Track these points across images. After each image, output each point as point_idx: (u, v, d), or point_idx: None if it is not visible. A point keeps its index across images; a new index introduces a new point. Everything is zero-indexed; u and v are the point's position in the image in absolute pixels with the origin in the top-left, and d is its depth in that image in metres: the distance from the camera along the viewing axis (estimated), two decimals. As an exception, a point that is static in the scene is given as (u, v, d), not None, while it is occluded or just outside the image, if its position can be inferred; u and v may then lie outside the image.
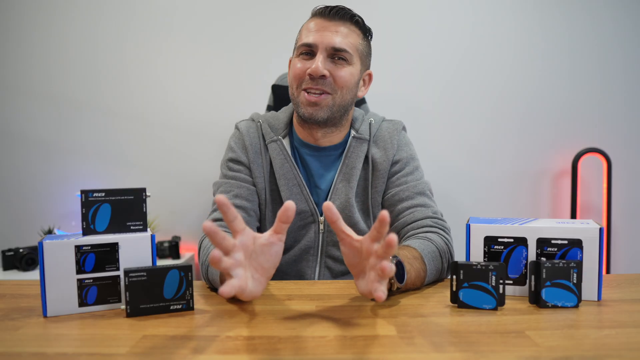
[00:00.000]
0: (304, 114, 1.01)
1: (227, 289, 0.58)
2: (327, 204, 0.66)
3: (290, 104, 1.13)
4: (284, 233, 0.67)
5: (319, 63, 0.97)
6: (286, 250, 1.07)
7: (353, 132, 1.08)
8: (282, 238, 0.67)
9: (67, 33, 1.96)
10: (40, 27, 1.96)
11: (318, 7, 1.03)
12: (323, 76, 0.98)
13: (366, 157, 1.07)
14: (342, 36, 1.00)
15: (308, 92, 1.00)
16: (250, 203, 1.04)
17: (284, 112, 1.12)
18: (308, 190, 1.05)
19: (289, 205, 0.65)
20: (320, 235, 1.06)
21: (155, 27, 1.96)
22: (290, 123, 1.11)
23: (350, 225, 1.04)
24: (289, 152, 1.06)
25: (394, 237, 0.60)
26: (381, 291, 0.62)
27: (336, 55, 0.99)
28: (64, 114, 1.98)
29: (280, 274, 1.08)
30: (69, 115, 1.98)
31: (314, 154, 1.08)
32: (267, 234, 0.67)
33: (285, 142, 1.07)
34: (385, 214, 0.61)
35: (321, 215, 1.05)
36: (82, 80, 1.97)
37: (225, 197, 0.62)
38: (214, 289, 0.87)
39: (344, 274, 1.08)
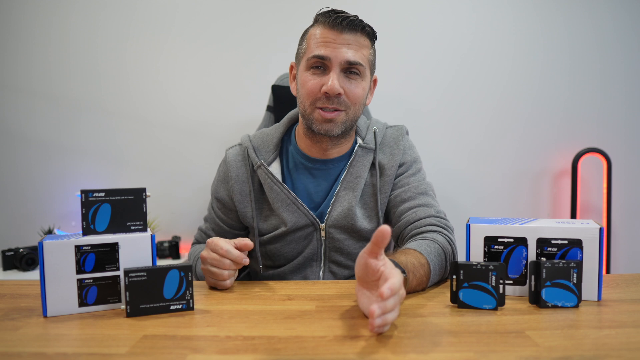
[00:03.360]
0: (319, 130, 1.00)
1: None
2: (385, 229, 0.63)
3: (283, 122, 1.13)
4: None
5: (335, 81, 0.95)
6: (291, 259, 1.08)
7: (359, 141, 1.09)
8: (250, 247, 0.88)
9: (68, 33, 1.96)
10: (41, 26, 1.96)
11: (325, 14, 0.98)
12: (338, 94, 0.97)
13: (373, 164, 1.07)
14: (355, 49, 0.97)
15: (323, 109, 0.98)
16: (226, 233, 1.15)
17: (277, 131, 1.11)
18: (304, 205, 1.04)
19: (243, 244, 0.88)
20: (322, 242, 1.06)
21: (156, 28, 1.96)
22: (282, 141, 1.11)
23: (354, 231, 1.05)
24: (275, 174, 1.05)
25: (385, 228, 0.63)
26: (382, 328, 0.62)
27: (350, 69, 0.98)
28: (65, 114, 1.98)
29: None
30: (69, 115, 1.98)
31: (322, 167, 1.08)
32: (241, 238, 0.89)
33: (274, 166, 1.06)
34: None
35: (322, 223, 1.05)
36: (82, 80, 1.97)
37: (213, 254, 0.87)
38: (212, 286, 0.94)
39: (347, 277, 1.08)
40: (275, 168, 1.06)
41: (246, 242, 0.87)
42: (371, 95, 1.10)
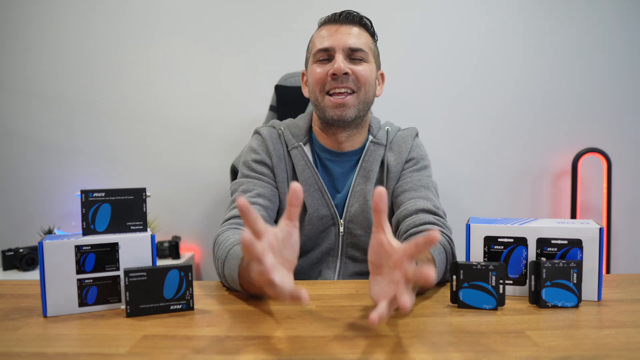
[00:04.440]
0: (332, 117, 1.03)
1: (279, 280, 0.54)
2: (380, 190, 0.60)
3: (308, 111, 1.17)
4: (297, 218, 0.63)
5: (340, 62, 1.00)
6: (307, 252, 1.09)
7: (371, 137, 1.12)
8: (296, 224, 0.63)
9: (68, 32, 1.96)
10: (37, 28, 1.96)
11: (326, 16, 1.07)
12: (346, 74, 1.01)
13: (382, 162, 1.09)
14: (356, 37, 1.03)
15: (332, 95, 1.02)
16: (272, 204, 1.05)
17: (303, 120, 1.15)
18: (329, 195, 1.07)
19: (296, 187, 0.60)
20: (340, 237, 1.08)
21: (157, 28, 1.96)
22: (309, 130, 1.14)
23: (368, 226, 1.06)
24: (310, 158, 1.08)
25: (436, 234, 0.54)
26: (407, 298, 0.54)
27: (353, 55, 1.03)
28: (64, 114, 1.98)
29: (302, 275, 1.10)
30: (69, 116, 1.98)
31: (335, 159, 1.11)
32: (282, 225, 0.63)
33: (307, 149, 1.10)
34: (435, 234, 0.54)
35: (341, 218, 1.08)
36: (83, 80, 1.98)
37: (246, 200, 0.57)
38: (231, 289, 0.85)
39: (362, 273, 1.09)
40: (308, 152, 1.09)
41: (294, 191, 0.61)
42: (381, 89, 1.14)
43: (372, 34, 1.09)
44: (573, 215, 1.93)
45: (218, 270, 0.89)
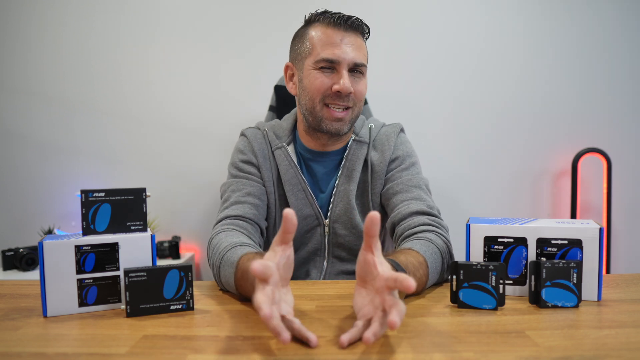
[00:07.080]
0: (329, 129, 1.03)
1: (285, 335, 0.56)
2: (373, 216, 0.60)
3: (293, 112, 1.16)
4: (291, 242, 0.66)
5: (346, 80, 0.99)
6: (294, 250, 1.08)
7: (353, 136, 1.11)
8: (291, 245, 0.66)
9: (68, 32, 1.96)
10: (42, 26, 1.96)
11: (326, 14, 1.02)
12: (349, 93, 1.01)
13: (365, 161, 1.09)
14: (359, 49, 1.02)
15: (332, 107, 1.02)
16: (262, 202, 1.06)
17: (287, 120, 1.15)
18: (312, 195, 1.08)
19: (289, 214, 0.62)
20: (326, 237, 1.09)
21: (157, 28, 1.96)
22: (293, 130, 1.14)
23: (352, 226, 1.07)
24: (294, 158, 1.09)
25: (411, 286, 0.55)
26: (396, 316, 0.55)
27: (356, 69, 1.02)
28: (64, 114, 1.98)
29: None
30: (69, 116, 1.98)
31: (318, 159, 1.11)
32: (279, 251, 0.64)
33: (290, 149, 1.11)
34: (410, 286, 0.55)
35: (326, 219, 1.08)
36: (83, 80, 1.97)
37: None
38: (226, 290, 0.86)
39: (349, 273, 1.09)
40: (292, 152, 1.10)
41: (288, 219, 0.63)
42: None
43: (366, 39, 1.09)
44: (573, 215, 1.93)
45: (213, 273, 0.89)
